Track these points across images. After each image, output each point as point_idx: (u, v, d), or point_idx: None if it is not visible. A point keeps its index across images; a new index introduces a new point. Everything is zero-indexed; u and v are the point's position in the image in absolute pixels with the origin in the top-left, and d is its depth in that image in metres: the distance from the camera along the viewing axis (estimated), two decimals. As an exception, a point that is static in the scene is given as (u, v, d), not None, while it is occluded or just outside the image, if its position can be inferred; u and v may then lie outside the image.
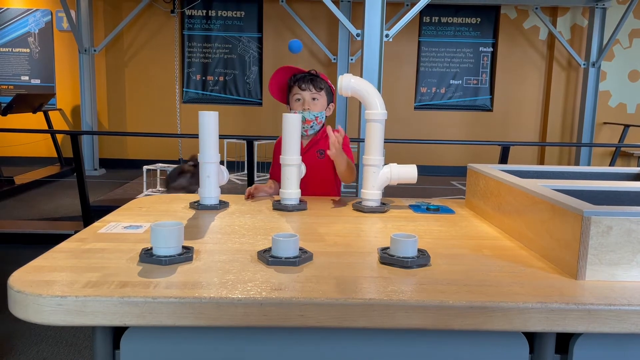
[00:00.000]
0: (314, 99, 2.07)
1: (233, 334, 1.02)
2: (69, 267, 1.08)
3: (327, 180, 2.13)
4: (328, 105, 2.14)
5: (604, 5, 7.70)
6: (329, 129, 1.82)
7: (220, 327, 0.97)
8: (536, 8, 7.86)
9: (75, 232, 1.42)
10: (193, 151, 2.27)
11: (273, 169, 2.22)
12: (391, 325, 0.96)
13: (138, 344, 1.01)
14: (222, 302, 0.94)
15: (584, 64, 7.95)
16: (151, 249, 1.15)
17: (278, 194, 1.85)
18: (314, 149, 2.13)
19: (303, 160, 1.91)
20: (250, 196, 1.94)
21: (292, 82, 2.10)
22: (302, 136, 2.08)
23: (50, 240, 1.37)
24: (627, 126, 7.83)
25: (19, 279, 1.00)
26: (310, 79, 2.08)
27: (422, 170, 2.00)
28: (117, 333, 1.03)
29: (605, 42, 7.79)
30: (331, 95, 2.15)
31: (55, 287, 0.97)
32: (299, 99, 2.08)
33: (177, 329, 0.99)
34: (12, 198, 6.00)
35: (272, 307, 0.94)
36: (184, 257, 1.14)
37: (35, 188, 6.53)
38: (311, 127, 2.09)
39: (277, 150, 2.12)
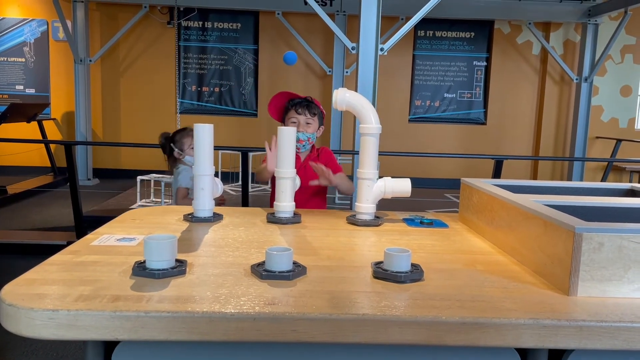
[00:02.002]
0: (307, 123, 2.31)
1: (226, 348, 1.01)
2: (61, 280, 1.08)
3: (320, 193, 2.36)
4: (318, 128, 2.38)
5: (596, 21, 7.80)
6: (311, 164, 2.14)
7: (213, 341, 0.96)
8: (529, 23, 7.95)
9: (68, 242, 1.42)
10: None
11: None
12: (384, 340, 0.96)
13: (130, 359, 1.00)
14: (215, 316, 0.94)
15: (576, 79, 8.04)
16: (144, 262, 1.15)
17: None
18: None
19: (301, 173, 2.17)
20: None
21: (290, 105, 2.34)
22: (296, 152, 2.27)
23: (43, 251, 1.37)
24: (619, 141, 7.90)
25: (10, 292, 0.99)
26: (306, 105, 2.32)
27: (416, 182, 2.02)
28: (108, 347, 1.02)
29: (597, 57, 7.88)
30: (322, 119, 2.40)
31: (47, 300, 0.96)
32: (294, 122, 2.30)
33: (169, 343, 0.98)
34: (5, 208, 5.96)
35: (265, 322, 0.94)
36: (177, 271, 1.13)
37: (28, 198, 6.49)
38: (303, 146, 2.32)
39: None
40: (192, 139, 2.87)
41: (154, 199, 5.86)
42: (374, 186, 1.80)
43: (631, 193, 1.82)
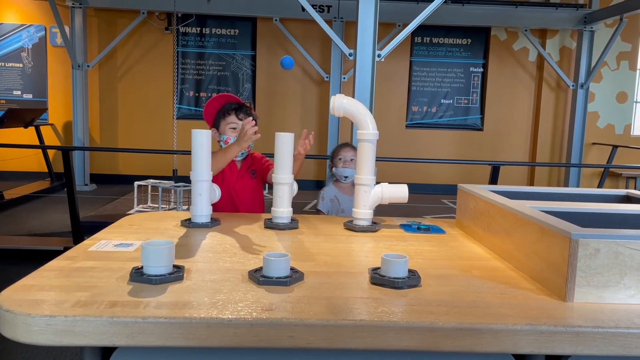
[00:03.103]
0: None
1: (223, 354, 1.01)
2: (58, 286, 1.08)
3: (257, 199, 2.30)
4: None
5: (592, 28, 7.85)
6: (304, 134, 2.10)
7: (211, 347, 0.96)
8: (526, 30, 7.99)
9: (65, 248, 1.42)
10: (186, 168, 2.34)
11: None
12: (382, 346, 0.96)
13: (127, 365, 1.00)
14: (213, 322, 0.94)
15: (572, 85, 8.07)
16: (142, 267, 1.15)
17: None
18: (248, 171, 2.28)
19: (240, 182, 2.20)
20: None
21: (230, 109, 2.21)
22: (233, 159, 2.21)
23: (39, 257, 1.37)
24: (615, 147, 7.93)
25: (7, 298, 0.99)
26: (247, 110, 2.23)
27: (413, 188, 2.03)
28: (105, 353, 1.02)
29: (593, 64, 7.92)
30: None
31: (44, 306, 0.96)
32: (234, 128, 2.20)
33: (166, 349, 0.98)
34: (1, 213, 5.93)
35: (262, 328, 0.94)
36: (174, 277, 1.13)
37: (25, 203, 6.47)
38: (242, 153, 2.22)
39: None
40: (343, 152, 2.65)
41: (151, 205, 5.85)
42: (371, 192, 1.80)
43: (627, 199, 1.83)
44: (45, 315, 0.92)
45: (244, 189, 2.24)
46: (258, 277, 1.14)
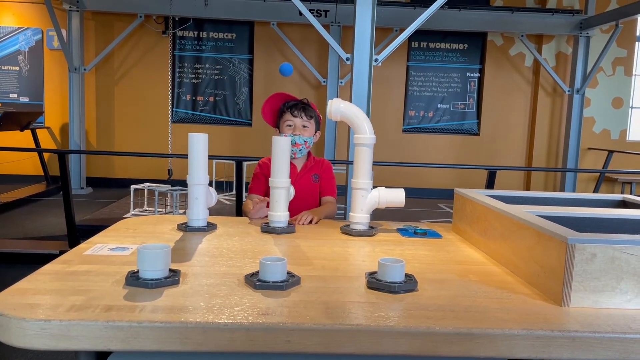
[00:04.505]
0: (304, 125, 2.19)
1: (219, 359, 1.01)
2: (53, 290, 1.07)
3: (315, 203, 2.25)
4: (315, 132, 2.26)
5: (587, 33, 7.89)
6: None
7: (207, 352, 0.96)
8: (522, 35, 8.03)
9: (60, 252, 1.41)
10: (182, 172, 2.32)
11: (254, 184, 2.25)
12: (378, 351, 0.95)
13: (122, 369, 1.00)
14: (209, 327, 0.94)
15: (568, 91, 8.10)
16: (137, 271, 1.14)
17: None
18: (309, 173, 2.24)
19: (299, 183, 2.13)
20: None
21: (285, 108, 2.21)
22: (292, 159, 2.19)
23: (35, 260, 1.36)
24: (611, 152, 7.96)
25: (2, 302, 0.98)
26: (303, 107, 2.20)
27: (409, 192, 2.03)
28: (101, 357, 1.01)
29: (589, 69, 7.96)
30: (319, 123, 2.28)
31: (39, 310, 0.95)
32: (290, 125, 2.19)
33: (162, 353, 0.98)
34: (-4, 216, 5.91)
35: (258, 333, 0.94)
36: (170, 281, 1.13)
37: (20, 206, 6.44)
38: (299, 150, 2.18)
39: (264, 169, 2.22)
40: None
41: (147, 208, 5.84)
42: (368, 196, 1.80)
43: (623, 204, 1.84)
44: (40, 320, 0.92)
45: (302, 190, 2.14)
46: (254, 281, 1.14)
